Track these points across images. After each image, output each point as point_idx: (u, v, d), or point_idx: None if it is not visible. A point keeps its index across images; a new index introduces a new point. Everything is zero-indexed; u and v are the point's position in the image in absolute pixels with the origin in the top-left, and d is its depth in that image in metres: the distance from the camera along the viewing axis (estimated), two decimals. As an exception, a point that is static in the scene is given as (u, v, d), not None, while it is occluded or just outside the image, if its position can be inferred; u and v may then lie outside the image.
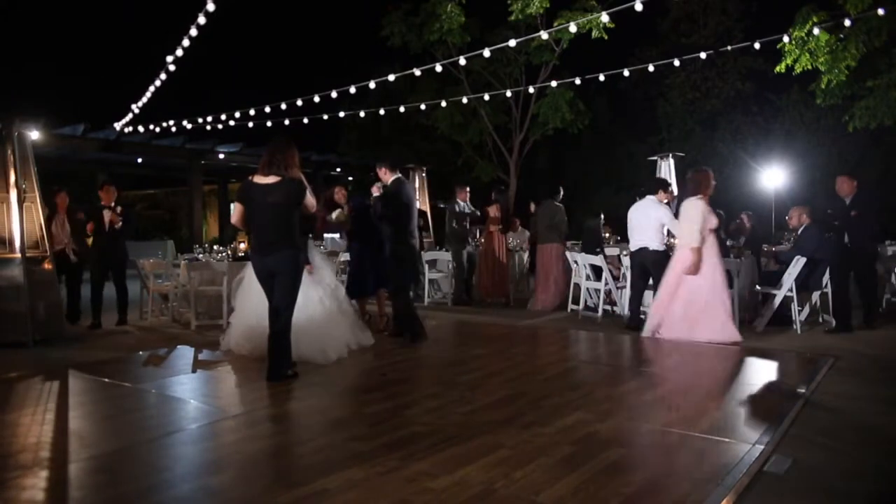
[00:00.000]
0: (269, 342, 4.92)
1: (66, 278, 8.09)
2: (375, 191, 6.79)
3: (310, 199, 5.03)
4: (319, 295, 5.95)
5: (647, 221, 7.22)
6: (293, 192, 4.85)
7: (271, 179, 4.84)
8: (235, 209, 5.14)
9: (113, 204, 7.84)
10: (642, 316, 7.21)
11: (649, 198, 7.35)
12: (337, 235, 10.32)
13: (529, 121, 16.87)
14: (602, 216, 9.67)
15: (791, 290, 6.93)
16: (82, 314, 8.14)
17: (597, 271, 8.14)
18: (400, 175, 6.69)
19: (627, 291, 7.76)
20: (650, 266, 7.22)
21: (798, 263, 6.87)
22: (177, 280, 8.16)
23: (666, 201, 7.36)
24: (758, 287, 7.44)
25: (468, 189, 10.09)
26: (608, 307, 8.29)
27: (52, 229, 7.72)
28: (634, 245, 7.35)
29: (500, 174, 18.04)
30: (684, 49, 16.06)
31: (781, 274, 7.10)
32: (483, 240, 9.87)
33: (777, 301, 7.07)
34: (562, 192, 9.34)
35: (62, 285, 7.83)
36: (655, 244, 7.20)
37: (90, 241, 7.97)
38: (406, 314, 6.65)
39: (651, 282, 7.27)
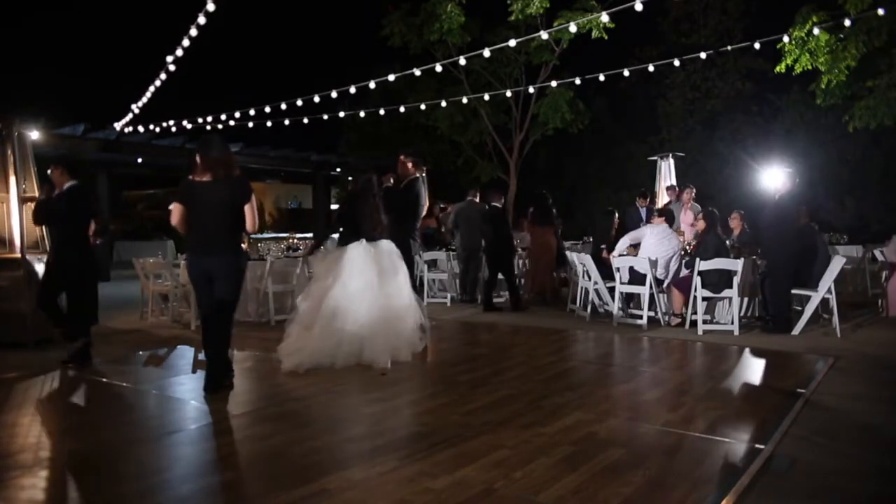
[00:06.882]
0: (207, 351, 4.80)
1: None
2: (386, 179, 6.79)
3: (249, 214, 4.69)
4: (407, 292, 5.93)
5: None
6: (239, 190, 4.65)
7: (214, 178, 4.62)
8: (175, 210, 4.66)
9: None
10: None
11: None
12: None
13: (529, 121, 16.84)
14: (616, 214, 9.25)
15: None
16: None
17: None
18: (418, 175, 6.71)
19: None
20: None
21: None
22: (177, 280, 8.15)
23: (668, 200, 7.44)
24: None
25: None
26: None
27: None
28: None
29: (500, 174, 18.03)
30: (684, 49, 16.05)
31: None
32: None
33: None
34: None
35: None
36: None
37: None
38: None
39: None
